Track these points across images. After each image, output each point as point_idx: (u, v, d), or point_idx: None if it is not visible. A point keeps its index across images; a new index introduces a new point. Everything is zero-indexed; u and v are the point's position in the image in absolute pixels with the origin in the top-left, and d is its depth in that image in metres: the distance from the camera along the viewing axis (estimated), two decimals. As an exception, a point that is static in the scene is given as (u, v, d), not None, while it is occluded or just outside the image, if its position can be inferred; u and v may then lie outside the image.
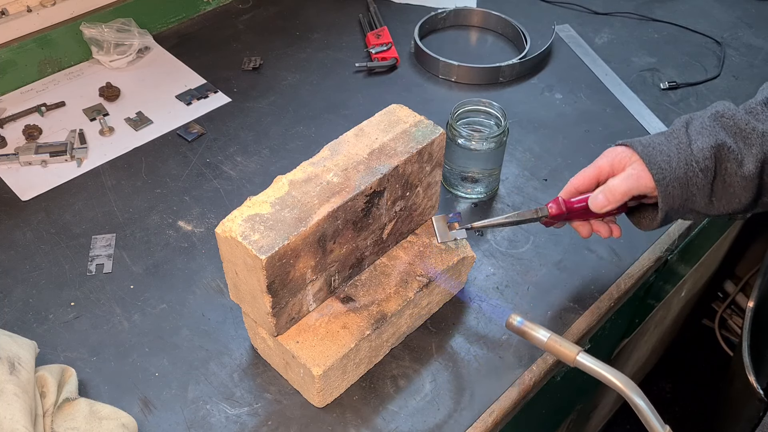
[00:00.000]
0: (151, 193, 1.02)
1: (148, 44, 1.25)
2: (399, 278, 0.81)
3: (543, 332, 0.72)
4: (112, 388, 0.79)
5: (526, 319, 0.74)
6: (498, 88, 1.23)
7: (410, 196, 0.81)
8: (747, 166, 0.75)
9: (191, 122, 1.14)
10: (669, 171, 0.75)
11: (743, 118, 0.76)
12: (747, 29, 1.36)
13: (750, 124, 0.75)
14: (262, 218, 0.69)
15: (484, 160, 0.99)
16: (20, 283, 0.90)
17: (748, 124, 0.76)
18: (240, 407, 0.78)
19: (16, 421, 0.64)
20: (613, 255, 0.95)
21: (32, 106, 1.14)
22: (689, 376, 2.02)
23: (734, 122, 0.76)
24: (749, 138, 0.75)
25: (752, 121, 0.76)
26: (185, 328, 0.86)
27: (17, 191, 1.02)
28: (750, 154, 0.75)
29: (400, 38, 1.31)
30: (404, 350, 0.84)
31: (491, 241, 0.96)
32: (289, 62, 1.26)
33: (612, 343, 1.27)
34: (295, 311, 0.75)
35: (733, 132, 0.76)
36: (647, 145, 0.76)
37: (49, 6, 1.17)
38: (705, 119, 0.78)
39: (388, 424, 0.77)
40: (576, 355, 0.69)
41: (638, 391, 0.65)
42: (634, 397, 0.65)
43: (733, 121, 0.76)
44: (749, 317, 1.43)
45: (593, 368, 0.68)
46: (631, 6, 1.42)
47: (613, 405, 1.73)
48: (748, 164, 0.75)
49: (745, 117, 0.76)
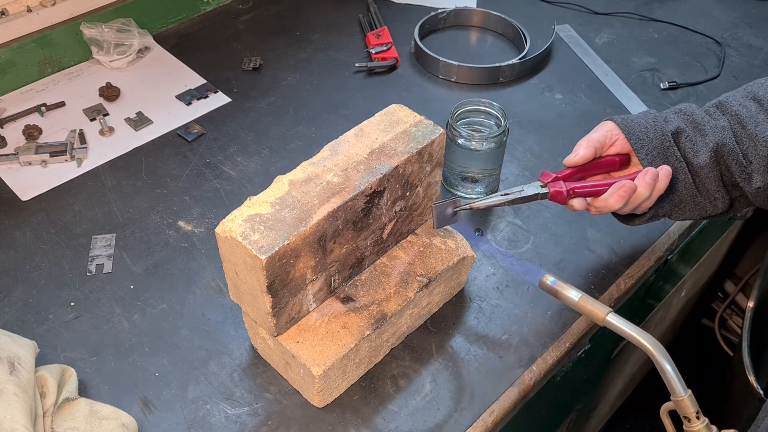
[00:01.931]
0: (151, 193, 1.02)
1: (148, 44, 1.25)
2: (399, 278, 0.81)
3: (575, 292, 0.76)
4: (112, 388, 0.79)
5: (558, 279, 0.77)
6: (498, 88, 1.23)
7: (410, 196, 0.81)
8: (701, 156, 0.81)
9: (191, 122, 1.14)
10: (647, 141, 0.82)
11: (700, 114, 0.84)
12: (747, 29, 1.36)
13: (705, 119, 0.83)
14: (262, 218, 0.69)
15: (484, 160, 0.99)
16: (20, 283, 0.90)
17: (703, 118, 0.83)
18: (240, 407, 0.78)
19: (16, 421, 0.64)
20: (613, 255, 0.95)
21: (32, 106, 1.14)
22: (689, 376, 2.01)
23: (692, 118, 0.84)
24: (704, 129, 0.83)
25: (707, 117, 0.84)
26: (185, 328, 0.86)
27: (17, 191, 1.02)
28: (704, 144, 0.82)
29: (400, 38, 1.31)
30: (404, 350, 0.84)
31: (491, 241, 0.96)
32: (289, 62, 1.26)
33: (612, 343, 1.27)
34: (295, 311, 0.75)
35: (691, 123, 0.84)
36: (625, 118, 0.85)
37: (49, 6, 1.17)
38: (669, 113, 0.85)
39: (388, 424, 0.77)
40: (606, 315, 0.73)
41: (665, 354, 0.68)
42: (661, 359, 0.68)
43: (692, 116, 0.84)
44: (749, 317, 1.43)
45: (622, 328, 0.72)
46: (631, 6, 1.42)
47: (613, 405, 1.73)
48: (702, 155, 0.81)
49: (702, 114, 0.84)
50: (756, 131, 0.80)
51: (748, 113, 0.81)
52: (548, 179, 0.82)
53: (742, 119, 0.81)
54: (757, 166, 0.80)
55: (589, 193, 0.81)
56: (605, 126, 0.85)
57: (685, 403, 0.67)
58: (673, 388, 0.67)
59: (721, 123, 0.82)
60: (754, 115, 0.81)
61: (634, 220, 0.87)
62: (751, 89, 0.84)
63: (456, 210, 0.81)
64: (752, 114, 0.81)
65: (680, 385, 0.67)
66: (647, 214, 0.85)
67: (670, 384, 0.67)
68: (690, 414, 0.67)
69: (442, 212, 0.81)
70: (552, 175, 0.82)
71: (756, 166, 0.80)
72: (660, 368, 0.68)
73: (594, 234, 0.98)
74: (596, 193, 0.81)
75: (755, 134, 0.80)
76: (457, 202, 0.81)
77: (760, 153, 0.80)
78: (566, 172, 0.83)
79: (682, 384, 0.67)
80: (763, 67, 1.27)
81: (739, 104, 0.82)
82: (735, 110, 0.82)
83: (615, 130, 0.84)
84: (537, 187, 0.82)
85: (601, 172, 0.85)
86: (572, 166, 0.83)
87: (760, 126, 0.80)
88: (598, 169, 0.84)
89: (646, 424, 1.84)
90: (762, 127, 0.80)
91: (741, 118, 0.81)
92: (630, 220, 0.87)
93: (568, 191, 0.81)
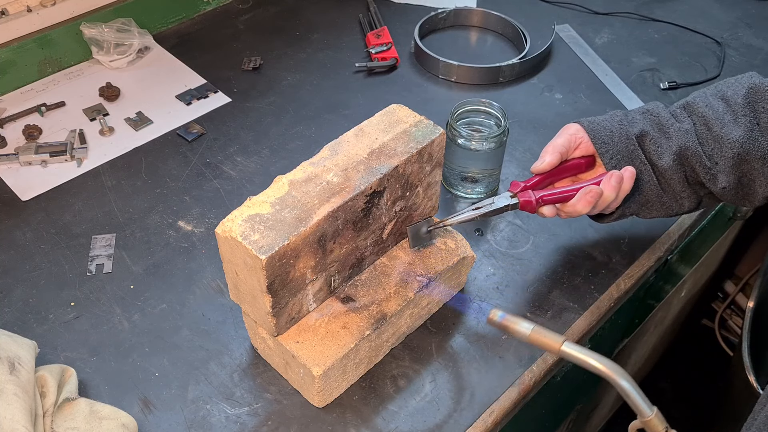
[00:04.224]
0: (151, 193, 1.02)
1: (148, 44, 1.25)
2: (399, 278, 0.81)
3: (526, 324, 0.70)
4: (112, 388, 0.79)
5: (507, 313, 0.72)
6: (498, 88, 1.23)
7: (410, 196, 0.81)
8: (665, 159, 0.83)
9: (191, 122, 1.14)
10: (612, 145, 0.84)
11: (666, 116, 0.85)
12: (747, 29, 1.36)
13: (670, 121, 0.84)
14: (262, 218, 0.69)
15: (484, 160, 0.99)
16: (20, 283, 0.90)
17: (668, 120, 0.84)
18: (240, 407, 0.78)
19: (16, 421, 0.64)
20: (613, 255, 0.95)
21: (32, 106, 1.14)
22: (689, 377, 2.02)
23: (658, 120, 0.85)
24: (668, 132, 0.84)
25: (672, 120, 0.84)
26: (185, 328, 0.86)
27: (17, 191, 1.02)
28: (668, 146, 0.83)
29: (400, 38, 1.31)
30: (404, 350, 0.84)
31: (491, 241, 0.96)
32: (289, 62, 1.26)
33: (612, 343, 1.27)
34: (295, 311, 0.75)
35: (656, 125, 0.85)
36: (591, 121, 0.86)
37: (49, 6, 1.17)
38: (635, 114, 0.86)
39: (388, 424, 0.77)
40: (561, 345, 0.68)
41: (624, 374, 0.65)
42: (622, 381, 0.65)
43: (657, 118, 0.85)
44: (749, 317, 1.43)
45: (578, 356, 0.67)
46: (631, 6, 1.42)
47: (614, 405, 1.73)
48: (666, 157, 0.83)
49: (667, 115, 0.85)
50: (722, 133, 0.80)
51: (715, 114, 0.82)
52: (517, 189, 0.84)
53: (708, 120, 0.82)
54: (722, 167, 0.81)
55: (558, 199, 0.83)
56: (569, 129, 0.86)
57: (653, 422, 0.65)
58: (639, 409, 0.65)
59: (685, 126, 0.83)
60: (720, 116, 0.81)
61: (603, 219, 0.88)
62: (720, 88, 0.85)
63: (430, 228, 0.83)
64: (719, 115, 0.81)
65: (645, 405, 0.64)
66: (615, 213, 0.86)
67: (635, 405, 0.65)
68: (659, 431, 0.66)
69: (416, 232, 0.83)
70: (521, 184, 0.84)
71: (721, 167, 0.81)
72: (622, 391, 0.65)
73: (594, 234, 0.98)
74: (565, 199, 0.82)
75: (721, 136, 0.81)
76: (430, 221, 0.83)
77: (725, 154, 0.80)
78: (535, 179, 0.85)
79: (647, 403, 0.64)
80: (763, 67, 1.27)
81: (707, 105, 0.83)
82: (701, 111, 0.83)
83: (579, 132, 0.85)
84: (507, 198, 0.83)
85: (569, 176, 0.87)
86: (539, 173, 0.85)
87: (726, 127, 0.81)
88: (565, 173, 0.86)
89: (645, 425, 1.84)
90: (728, 129, 0.80)
91: (707, 120, 0.82)
92: (600, 219, 0.89)
93: (537, 200, 0.82)
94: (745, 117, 0.80)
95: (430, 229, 0.83)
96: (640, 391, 0.65)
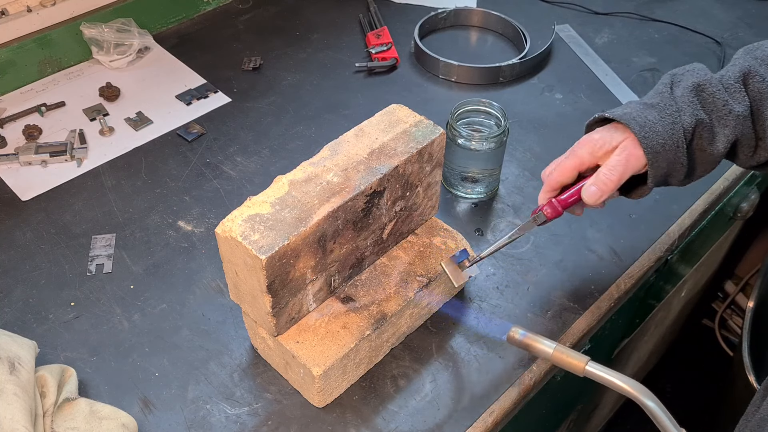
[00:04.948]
0: (151, 193, 1.02)
1: (148, 44, 1.25)
2: (399, 278, 0.81)
3: (548, 343, 0.70)
4: (112, 388, 0.79)
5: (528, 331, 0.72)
6: (498, 88, 1.23)
7: (410, 196, 0.81)
8: (717, 145, 0.76)
9: (191, 122, 1.14)
10: (663, 153, 0.75)
11: (721, 97, 0.76)
12: (747, 29, 1.36)
13: (728, 105, 0.76)
14: (262, 218, 0.69)
15: (484, 160, 0.99)
16: (20, 283, 0.90)
17: (726, 105, 0.76)
18: (240, 407, 0.78)
19: (16, 421, 0.64)
20: (613, 255, 0.95)
21: (32, 106, 1.14)
22: (689, 377, 2.02)
23: (713, 99, 0.76)
24: (725, 119, 0.76)
25: (730, 102, 0.76)
26: (185, 328, 0.86)
27: (17, 191, 1.02)
28: (722, 134, 0.76)
29: (400, 38, 1.31)
30: (404, 350, 0.84)
31: (491, 241, 0.96)
32: (289, 62, 1.26)
33: (612, 343, 1.27)
34: (295, 311, 0.75)
35: (710, 109, 0.76)
36: (643, 125, 0.75)
37: (49, 6, 1.17)
38: (687, 91, 0.77)
39: (388, 424, 0.77)
40: (585, 364, 0.68)
41: (651, 396, 0.64)
42: (648, 402, 0.64)
43: (712, 98, 0.76)
44: (749, 317, 1.43)
45: (604, 377, 0.67)
46: (631, 6, 1.42)
47: (614, 405, 1.73)
48: (718, 143, 0.76)
49: (723, 96, 0.76)
50: None
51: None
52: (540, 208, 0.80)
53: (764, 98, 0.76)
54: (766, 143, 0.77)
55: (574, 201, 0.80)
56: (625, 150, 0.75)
57: None
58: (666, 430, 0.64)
59: (742, 109, 0.75)
60: None
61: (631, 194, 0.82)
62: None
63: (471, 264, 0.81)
64: None
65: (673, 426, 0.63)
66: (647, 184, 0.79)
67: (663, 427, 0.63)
68: None
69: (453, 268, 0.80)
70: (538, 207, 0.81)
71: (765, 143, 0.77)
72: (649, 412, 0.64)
73: (594, 234, 0.98)
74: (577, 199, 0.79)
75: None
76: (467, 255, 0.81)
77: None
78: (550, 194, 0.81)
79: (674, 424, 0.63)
80: (763, 67, 1.27)
81: (763, 79, 0.76)
82: (758, 87, 0.76)
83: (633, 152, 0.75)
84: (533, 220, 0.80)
85: None
86: None
87: None
88: None
89: (646, 425, 1.84)
90: None
91: (764, 97, 0.76)
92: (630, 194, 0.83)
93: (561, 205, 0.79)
94: None
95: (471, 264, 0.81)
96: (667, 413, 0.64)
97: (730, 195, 1.13)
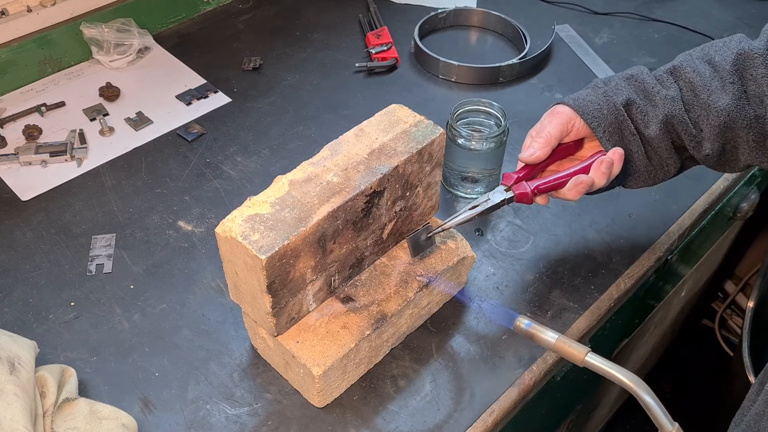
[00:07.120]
0: (151, 193, 1.02)
1: (148, 44, 1.25)
2: (399, 278, 0.81)
3: (551, 334, 0.73)
4: (112, 388, 0.80)
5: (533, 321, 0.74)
6: (498, 88, 1.23)
7: (410, 196, 0.81)
8: (651, 127, 0.81)
9: (191, 122, 1.14)
10: (600, 117, 0.81)
11: (651, 82, 0.82)
12: (747, 29, 1.36)
13: (656, 87, 0.82)
14: (262, 218, 0.69)
15: (484, 160, 0.99)
16: (20, 283, 0.90)
17: (654, 87, 0.82)
18: (240, 407, 0.78)
19: (16, 421, 0.64)
20: (613, 255, 0.95)
21: (32, 106, 1.14)
22: (689, 376, 2.02)
23: (643, 85, 0.82)
24: (654, 99, 0.81)
25: (658, 85, 0.82)
26: (185, 328, 0.86)
27: (17, 191, 1.02)
28: (653, 114, 0.81)
29: (400, 38, 1.31)
30: (404, 350, 0.84)
31: (491, 241, 0.96)
32: (289, 62, 1.26)
33: (612, 343, 1.27)
34: (295, 311, 0.75)
35: (640, 90, 0.82)
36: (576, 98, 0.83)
37: (49, 6, 1.17)
38: (619, 80, 0.84)
39: (388, 424, 0.77)
40: (585, 355, 0.70)
41: (647, 389, 0.66)
42: (644, 395, 0.66)
43: (642, 84, 0.82)
44: (749, 317, 1.43)
45: (602, 368, 0.69)
46: (631, 6, 1.42)
47: (613, 405, 1.73)
48: (651, 124, 0.81)
49: (652, 81, 0.82)
50: (709, 100, 0.79)
51: (702, 80, 0.80)
52: (510, 181, 0.81)
53: (695, 87, 0.80)
54: (708, 134, 0.80)
55: (552, 187, 0.81)
56: (560, 116, 0.82)
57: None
58: (660, 424, 0.65)
59: (671, 92, 0.81)
60: (707, 82, 0.80)
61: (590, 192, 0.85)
62: (707, 52, 0.82)
63: (429, 235, 0.82)
64: (706, 81, 0.80)
65: (667, 420, 0.65)
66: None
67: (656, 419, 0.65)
68: None
69: (415, 242, 0.82)
70: (513, 176, 0.82)
71: (707, 134, 0.80)
72: (644, 404, 0.66)
73: (594, 234, 0.98)
74: (558, 186, 0.81)
75: (708, 103, 0.79)
76: (429, 227, 0.82)
77: (711, 122, 0.79)
78: (525, 168, 0.82)
79: (668, 418, 0.65)
80: (763, 67, 1.27)
81: (693, 70, 0.81)
82: (688, 77, 0.81)
83: (572, 118, 0.82)
84: (502, 192, 0.81)
85: (559, 158, 0.85)
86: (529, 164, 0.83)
87: (713, 95, 0.79)
88: (556, 156, 0.84)
89: (646, 425, 1.84)
90: (715, 96, 0.79)
91: (694, 86, 0.80)
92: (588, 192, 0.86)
93: (533, 191, 0.81)
94: (732, 85, 0.79)
95: (429, 235, 0.82)
96: (662, 406, 0.65)
97: (729, 195, 1.13)
